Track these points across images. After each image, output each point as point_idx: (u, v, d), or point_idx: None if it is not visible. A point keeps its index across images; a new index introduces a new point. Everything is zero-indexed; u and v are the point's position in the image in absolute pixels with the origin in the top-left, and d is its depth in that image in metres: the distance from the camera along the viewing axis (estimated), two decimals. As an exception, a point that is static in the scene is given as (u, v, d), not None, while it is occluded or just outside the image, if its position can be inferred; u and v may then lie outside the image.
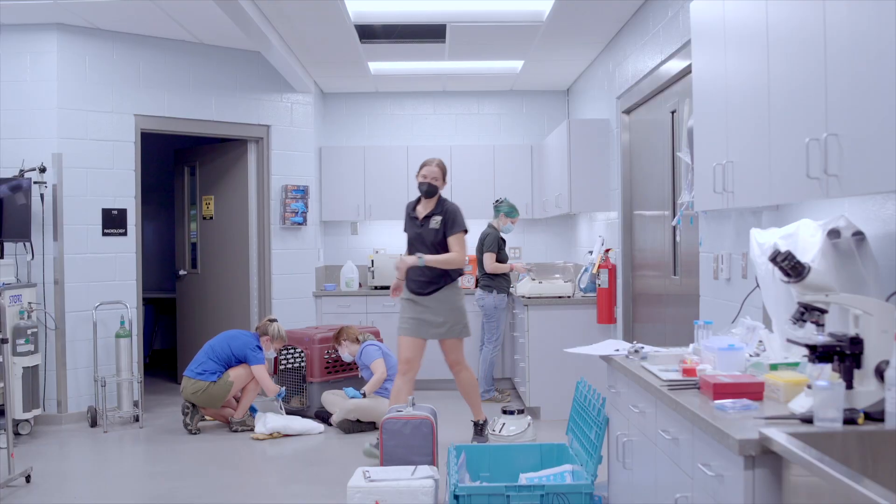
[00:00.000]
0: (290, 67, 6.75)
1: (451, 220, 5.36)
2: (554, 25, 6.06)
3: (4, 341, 4.76)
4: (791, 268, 2.28)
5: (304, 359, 6.58)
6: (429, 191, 5.38)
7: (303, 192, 7.62)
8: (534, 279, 6.76)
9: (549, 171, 7.53)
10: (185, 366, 6.94)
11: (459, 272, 5.46)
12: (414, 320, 5.39)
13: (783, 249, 2.34)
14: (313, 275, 7.86)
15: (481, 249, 7.12)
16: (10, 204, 5.97)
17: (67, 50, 6.38)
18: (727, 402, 2.37)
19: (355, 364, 6.51)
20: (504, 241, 7.16)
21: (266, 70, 7.37)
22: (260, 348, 6.23)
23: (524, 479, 4.08)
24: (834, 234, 2.56)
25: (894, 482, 1.95)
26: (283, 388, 6.41)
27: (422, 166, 5.42)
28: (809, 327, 2.39)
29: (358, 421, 6.06)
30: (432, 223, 5.38)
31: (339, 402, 6.19)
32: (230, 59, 7.25)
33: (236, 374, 6.13)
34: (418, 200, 5.50)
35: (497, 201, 7.29)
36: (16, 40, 6.28)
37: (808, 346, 2.29)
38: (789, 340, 2.42)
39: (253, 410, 6.29)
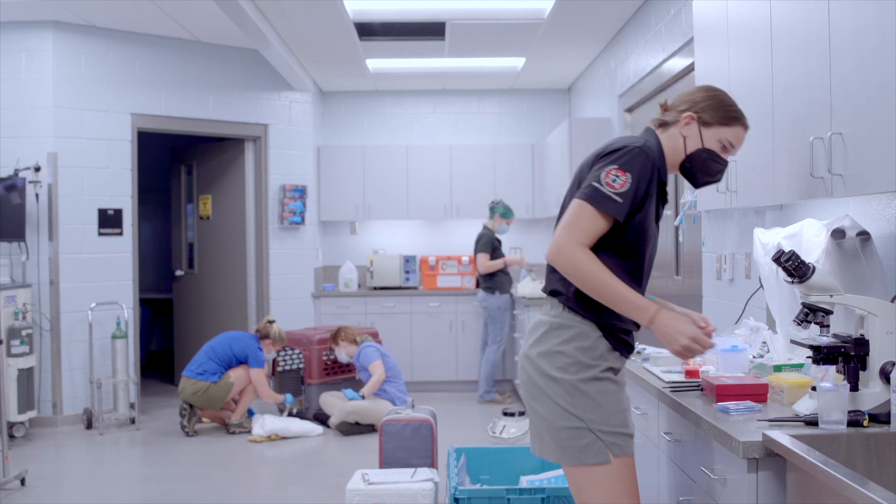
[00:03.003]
0: (289, 66, 6.71)
1: None
2: (555, 23, 6.03)
3: (-1, 342, 4.73)
4: (795, 268, 2.24)
5: (302, 360, 6.54)
6: None
7: (301, 192, 7.58)
8: (534, 279, 6.72)
9: (550, 171, 7.50)
10: (181, 367, 6.91)
11: None
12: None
13: (787, 249, 2.30)
14: (312, 275, 7.82)
15: (476, 251, 7.15)
16: (5, 203, 5.93)
17: (63, 48, 6.34)
18: (730, 404, 2.33)
19: (353, 365, 6.48)
20: (499, 241, 7.17)
21: (264, 68, 7.33)
22: (261, 350, 6.19)
23: (525, 481, 4.04)
24: (838, 233, 2.53)
25: (901, 486, 1.91)
26: (290, 394, 6.35)
27: None
28: (813, 328, 2.36)
29: (357, 423, 6.02)
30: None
31: (337, 403, 6.16)
32: (228, 58, 7.21)
33: (237, 375, 6.09)
34: (662, 158, 2.37)
35: (493, 202, 7.28)
36: (11, 38, 6.24)
37: (812, 347, 2.26)
38: (793, 342, 2.39)
39: (251, 413, 6.24)
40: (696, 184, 2.43)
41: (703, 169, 2.37)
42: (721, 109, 2.35)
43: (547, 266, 2.43)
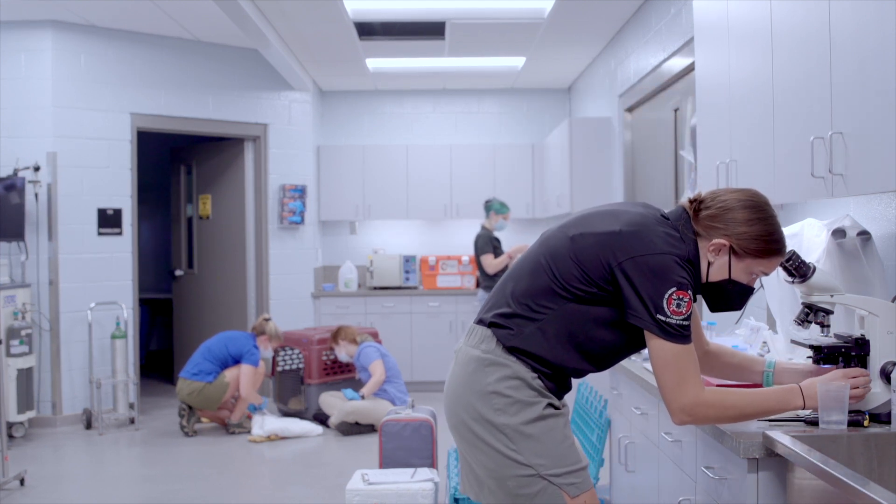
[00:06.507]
0: (289, 65, 6.71)
1: None
2: (555, 23, 6.02)
3: (-2, 342, 4.72)
4: (795, 268, 2.23)
5: (302, 360, 6.53)
6: None
7: (301, 192, 7.57)
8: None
9: (550, 171, 7.49)
10: (181, 367, 6.90)
11: None
12: None
13: (787, 249, 2.30)
14: (311, 275, 7.82)
15: (477, 254, 7.07)
16: (4, 203, 5.92)
17: (62, 47, 6.33)
18: (731, 404, 2.32)
19: (353, 365, 6.47)
20: (498, 240, 7.09)
21: (264, 68, 7.32)
22: (256, 348, 6.18)
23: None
24: (839, 233, 2.52)
25: (902, 487, 1.91)
26: (263, 402, 6.27)
27: None
28: (814, 328, 2.36)
29: (357, 423, 6.01)
30: None
31: (337, 403, 6.15)
32: (228, 57, 7.20)
33: (232, 375, 6.08)
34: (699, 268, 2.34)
35: (487, 201, 7.20)
36: (10, 38, 6.23)
37: (812, 347, 2.25)
38: (794, 342, 2.38)
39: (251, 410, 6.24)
40: (712, 309, 2.22)
41: (724, 298, 2.16)
42: (761, 241, 2.06)
43: (496, 289, 2.21)
